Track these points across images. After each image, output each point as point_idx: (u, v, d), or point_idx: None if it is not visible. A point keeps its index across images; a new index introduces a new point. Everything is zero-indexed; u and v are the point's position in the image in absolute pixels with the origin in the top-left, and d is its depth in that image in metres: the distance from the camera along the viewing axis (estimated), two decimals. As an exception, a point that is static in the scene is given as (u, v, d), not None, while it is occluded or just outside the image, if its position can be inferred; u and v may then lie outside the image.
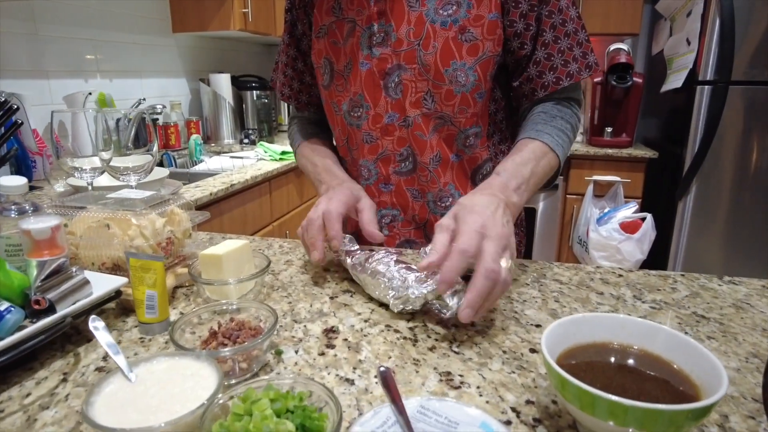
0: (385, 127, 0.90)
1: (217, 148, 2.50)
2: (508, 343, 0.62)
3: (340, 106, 0.94)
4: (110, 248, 0.73)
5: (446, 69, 0.83)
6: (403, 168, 0.92)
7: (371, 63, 0.88)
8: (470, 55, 0.83)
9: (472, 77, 0.84)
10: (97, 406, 0.42)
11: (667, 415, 0.38)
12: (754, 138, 1.99)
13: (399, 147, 0.91)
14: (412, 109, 0.87)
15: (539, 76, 0.86)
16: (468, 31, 0.82)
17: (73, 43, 1.87)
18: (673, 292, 0.77)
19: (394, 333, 0.64)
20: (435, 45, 0.83)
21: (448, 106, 0.86)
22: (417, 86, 0.86)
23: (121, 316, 0.70)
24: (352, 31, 0.88)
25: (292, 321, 0.67)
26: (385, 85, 0.88)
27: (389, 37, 0.86)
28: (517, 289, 0.77)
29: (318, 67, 0.95)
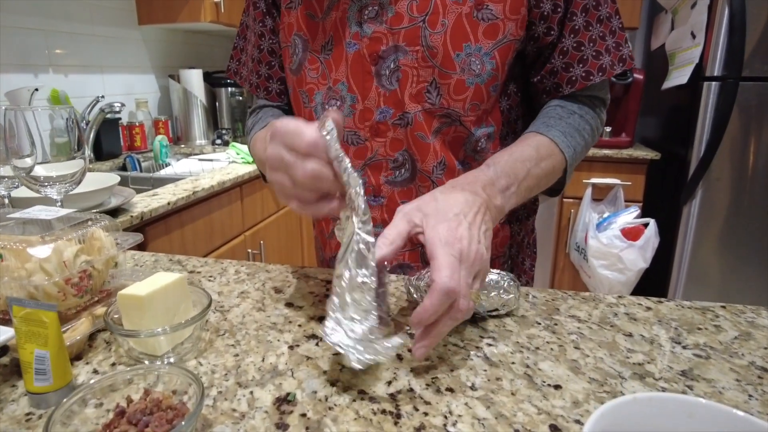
0: (375, 125, 0.73)
1: (188, 150, 2.32)
2: (521, 416, 0.46)
3: (312, 96, 0.76)
4: (1, 286, 0.56)
5: (458, 54, 0.67)
6: (397, 177, 0.75)
7: (361, 43, 0.71)
8: (488, 37, 0.67)
9: (489, 65, 0.68)
10: None
11: None
12: (765, 139, 1.86)
13: (393, 151, 0.74)
14: (412, 103, 0.71)
15: (566, 69, 0.71)
16: (486, 7, 0.66)
17: (19, 32, 1.68)
18: (718, 332, 0.62)
19: (369, 403, 0.48)
20: (444, 22, 0.67)
21: (457, 101, 0.69)
22: (419, 74, 0.69)
23: (13, 378, 0.53)
24: (336, 5, 0.71)
25: (236, 384, 0.51)
26: (377, 72, 0.71)
27: (385, 10, 0.69)
28: (526, 330, 0.62)
29: (286, 46, 0.78)
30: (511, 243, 0.84)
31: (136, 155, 2.02)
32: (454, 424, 0.45)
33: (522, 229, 0.86)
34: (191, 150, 2.30)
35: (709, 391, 0.51)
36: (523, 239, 0.87)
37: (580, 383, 0.51)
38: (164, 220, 1.34)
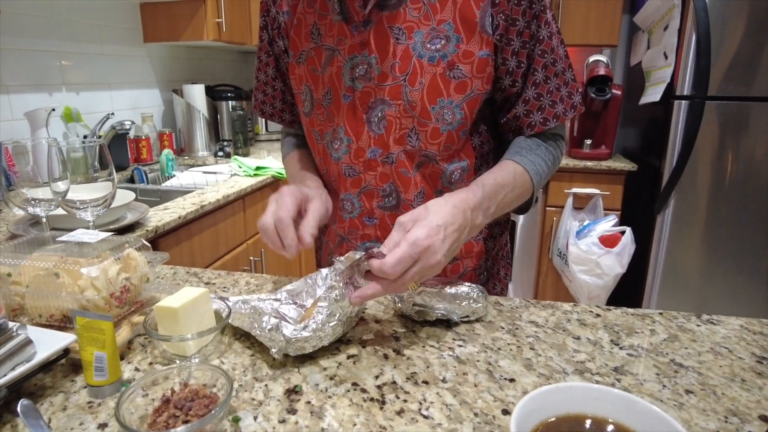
0: (368, 161, 0.86)
1: (191, 161, 2.43)
2: (481, 403, 0.59)
3: (322, 135, 0.90)
4: (59, 300, 0.68)
5: (433, 107, 0.80)
6: (386, 203, 0.89)
7: (353, 95, 0.84)
8: (458, 92, 0.79)
9: (459, 115, 0.81)
10: None
11: None
12: (730, 153, 2.01)
13: (382, 183, 0.87)
14: (396, 145, 0.84)
15: (527, 115, 0.84)
16: (457, 68, 0.78)
17: (35, 55, 1.80)
18: (651, 335, 0.75)
19: (361, 393, 0.60)
20: (422, 81, 0.79)
21: (433, 144, 0.83)
22: (401, 123, 0.82)
23: (71, 375, 0.65)
24: (331, 60, 0.84)
25: (253, 379, 0.63)
26: (368, 119, 0.84)
27: (372, 69, 0.81)
28: (491, 333, 0.74)
29: (298, 93, 0.91)
30: (487, 257, 0.96)
31: (143, 167, 2.14)
32: (427, 409, 0.57)
33: (496, 245, 0.99)
34: (194, 161, 2.42)
35: (633, 383, 0.63)
36: (498, 252, 1.00)
37: (530, 377, 0.64)
38: (175, 232, 1.46)
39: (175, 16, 2.27)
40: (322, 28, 0.84)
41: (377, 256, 0.63)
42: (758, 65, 1.91)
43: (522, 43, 0.79)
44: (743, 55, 1.90)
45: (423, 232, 0.63)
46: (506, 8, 0.76)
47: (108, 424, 0.55)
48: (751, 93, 1.94)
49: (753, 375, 0.65)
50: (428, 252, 0.64)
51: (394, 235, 0.66)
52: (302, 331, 0.64)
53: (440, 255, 0.65)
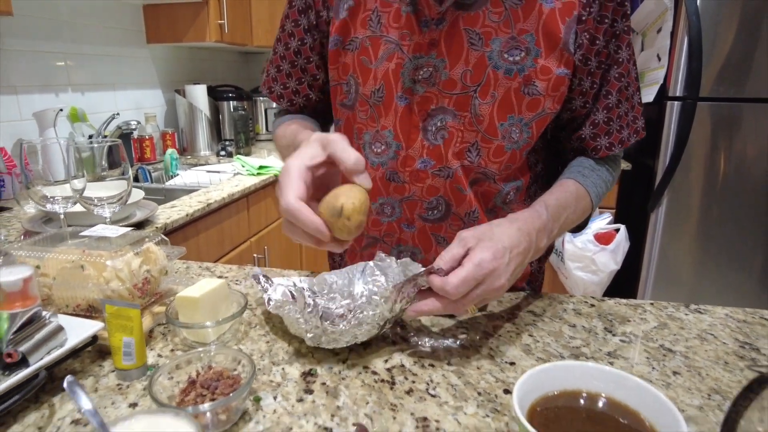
0: (416, 172, 0.80)
1: (194, 161, 2.47)
2: (483, 383, 0.63)
3: (361, 135, 0.83)
4: (85, 290, 0.73)
5: (501, 123, 0.74)
6: (430, 215, 0.83)
7: (411, 99, 0.76)
8: (529, 110, 0.74)
9: (526, 134, 0.76)
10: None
11: (632, 475, 0.40)
12: (721, 152, 2.06)
13: (429, 196, 0.81)
14: (454, 159, 0.78)
15: (593, 138, 0.81)
16: (533, 84, 0.72)
17: (42, 56, 1.83)
18: (642, 323, 0.80)
19: (372, 375, 0.65)
20: (494, 95, 0.73)
21: (494, 163, 0.78)
22: (463, 136, 0.76)
23: (98, 360, 0.69)
24: (390, 55, 0.76)
25: (270, 363, 0.67)
26: (424, 127, 0.77)
27: (439, 73, 0.74)
28: (492, 322, 0.79)
29: (340, 83, 0.83)
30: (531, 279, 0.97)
31: (147, 166, 2.18)
32: (434, 389, 0.62)
33: (541, 267, 1.00)
34: (197, 161, 2.46)
35: (625, 365, 0.68)
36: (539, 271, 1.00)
37: (529, 361, 0.68)
38: (182, 229, 1.50)
39: (177, 18, 2.31)
40: (384, 16, 0.75)
41: (438, 273, 0.61)
42: (749, 67, 1.96)
43: (598, 63, 0.74)
44: (734, 57, 1.96)
45: (488, 255, 0.60)
46: (591, 27, 0.71)
47: (138, 404, 0.60)
48: (741, 94, 1.99)
49: (735, 358, 0.70)
50: (493, 275, 0.60)
51: (454, 249, 0.62)
52: (340, 325, 0.65)
53: (504, 279, 0.62)
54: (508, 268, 0.62)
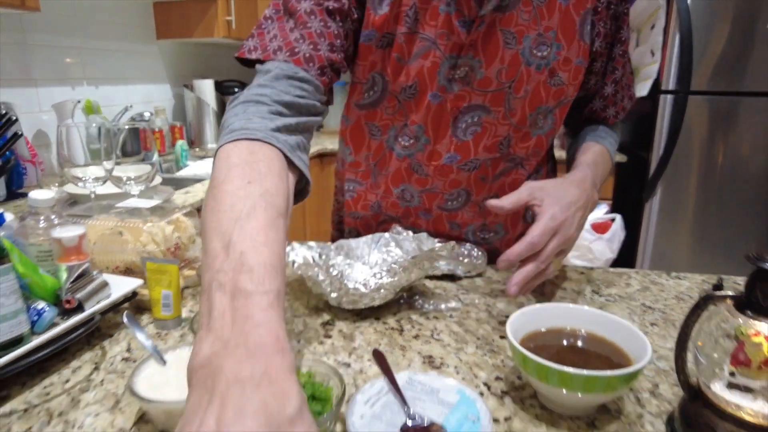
0: (441, 167, 0.85)
1: (202, 153, 2.55)
2: (482, 331, 0.71)
3: (385, 131, 0.86)
4: (124, 254, 0.81)
5: (531, 114, 0.80)
6: (448, 206, 0.90)
7: (445, 96, 0.80)
8: (554, 99, 0.80)
9: (551, 120, 0.83)
10: (140, 386, 0.50)
11: (604, 379, 0.48)
12: (712, 144, 2.15)
13: (451, 188, 0.87)
14: (485, 152, 0.84)
15: (603, 110, 0.90)
16: (557, 75, 0.78)
17: (60, 51, 1.92)
18: (627, 287, 0.88)
19: (383, 324, 0.73)
20: (527, 89, 0.78)
21: (522, 148, 0.84)
22: (497, 130, 0.81)
23: (136, 315, 0.77)
24: (426, 53, 0.77)
25: (293, 316, 0.76)
26: (454, 123, 0.82)
27: (475, 73, 0.78)
28: (490, 286, 0.87)
29: (361, 82, 0.82)
30: None
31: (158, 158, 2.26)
32: (438, 335, 0.70)
33: None
34: (205, 153, 2.54)
35: (608, 318, 0.76)
36: None
37: (523, 315, 0.77)
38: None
39: (187, 14, 2.39)
40: (422, 13, 0.75)
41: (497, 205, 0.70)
42: (737, 62, 2.04)
43: (605, 44, 0.81)
44: (723, 52, 2.04)
45: (558, 209, 0.67)
46: (604, 15, 0.77)
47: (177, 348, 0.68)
48: (731, 88, 2.07)
49: (707, 312, 0.78)
50: (564, 225, 0.67)
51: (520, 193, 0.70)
52: (361, 288, 0.72)
53: (573, 228, 0.69)
54: (575, 219, 0.69)
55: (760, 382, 0.46)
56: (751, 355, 0.45)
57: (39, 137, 1.83)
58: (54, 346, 0.61)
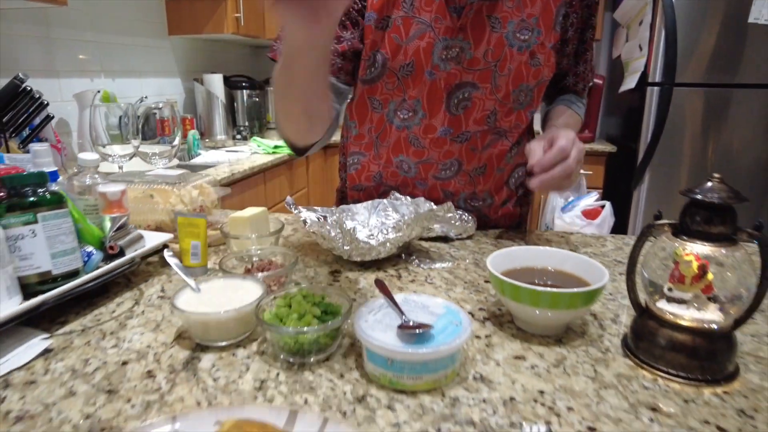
0: (436, 139, 0.96)
1: (211, 144, 2.66)
2: (469, 277, 0.82)
3: (386, 104, 0.96)
4: (155, 214, 0.91)
5: (514, 90, 0.92)
6: (442, 174, 1.00)
7: (439, 74, 0.90)
8: (533, 78, 0.91)
9: (530, 97, 0.94)
10: (180, 305, 0.61)
11: (567, 296, 0.58)
12: (698, 133, 2.25)
13: (444, 158, 0.98)
14: (475, 125, 0.95)
15: (575, 84, 1.04)
16: (536, 57, 0.90)
17: (80, 45, 2.03)
18: (602, 247, 0.98)
19: (384, 273, 0.83)
20: (510, 68, 0.89)
21: (506, 122, 0.96)
22: (485, 104, 0.92)
23: (166, 266, 0.88)
24: (422, 34, 0.88)
25: (305, 266, 0.86)
26: (447, 99, 0.92)
27: (464, 54, 0.89)
28: (479, 246, 0.97)
29: (363, 59, 0.92)
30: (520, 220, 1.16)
31: (170, 147, 2.36)
32: (431, 280, 0.80)
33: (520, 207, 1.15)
34: (214, 144, 2.65)
35: (581, 269, 0.86)
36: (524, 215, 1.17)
37: (507, 267, 0.87)
38: (210, 195, 1.69)
39: (197, 12, 2.50)
40: (418, 0, 0.87)
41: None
42: (721, 56, 2.15)
43: (576, 30, 0.93)
44: (707, 46, 2.15)
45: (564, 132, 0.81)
46: (577, 7, 0.90)
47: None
48: (715, 80, 2.18)
49: (669, 264, 0.88)
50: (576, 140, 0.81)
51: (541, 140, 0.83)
52: (370, 241, 0.82)
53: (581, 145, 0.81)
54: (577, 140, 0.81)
55: (691, 294, 0.56)
56: (684, 272, 0.56)
57: (60, 125, 1.94)
58: (101, 279, 0.71)
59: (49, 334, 0.64)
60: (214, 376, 0.56)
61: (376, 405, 0.51)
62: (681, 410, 0.51)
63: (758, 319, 0.70)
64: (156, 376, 0.56)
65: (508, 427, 0.48)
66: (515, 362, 0.59)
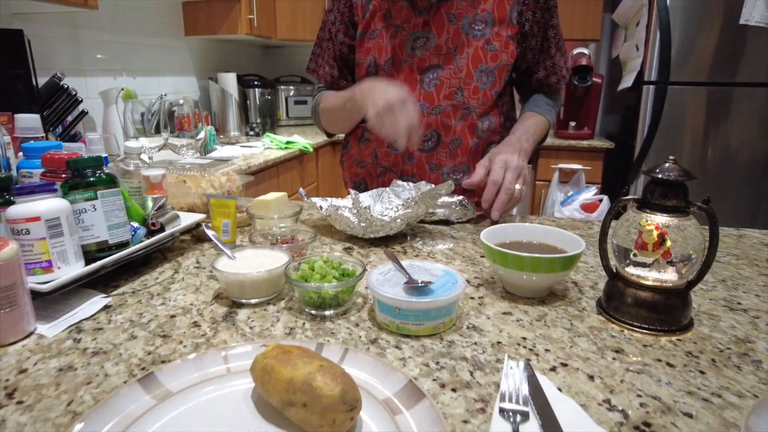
0: None
1: (225, 140, 2.78)
2: (467, 253, 0.93)
3: None
4: (187, 197, 1.03)
5: (475, 70, 1.11)
6: (425, 147, 1.18)
7: (412, 61, 1.13)
8: (492, 61, 1.11)
9: (491, 77, 1.12)
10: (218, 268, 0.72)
11: (547, 260, 0.69)
12: (690, 130, 2.34)
13: (425, 130, 1.16)
14: (445, 100, 1.13)
15: (545, 78, 1.21)
16: (491, 44, 1.10)
17: (104, 45, 2.15)
18: (589, 230, 1.08)
19: (391, 248, 0.94)
20: (468, 52, 1.10)
21: (473, 99, 1.13)
22: (451, 82, 1.12)
23: (198, 243, 0.99)
24: (395, 34, 1.13)
25: (321, 244, 0.97)
26: (421, 79, 1.13)
27: (430, 42, 1.11)
28: (477, 227, 1.08)
29: (362, 63, 1.17)
30: None
31: (187, 143, 2.48)
32: (433, 255, 0.91)
33: None
34: (228, 140, 2.77)
35: (568, 247, 0.96)
36: None
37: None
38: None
39: (213, 13, 2.62)
40: (394, 11, 1.12)
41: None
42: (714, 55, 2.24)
43: (539, 29, 1.13)
44: (701, 46, 2.24)
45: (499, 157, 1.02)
46: (531, 5, 1.10)
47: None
48: (707, 79, 2.27)
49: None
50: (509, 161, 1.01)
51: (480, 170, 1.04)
52: (384, 217, 0.92)
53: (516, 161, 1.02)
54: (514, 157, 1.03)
55: (652, 259, 0.66)
56: (647, 240, 0.66)
57: (86, 121, 2.06)
58: (147, 250, 0.82)
59: (106, 294, 0.76)
60: (250, 325, 0.67)
61: (386, 345, 0.62)
62: (639, 352, 0.61)
63: (719, 287, 0.80)
64: (201, 325, 0.67)
65: (494, 362, 0.58)
66: (503, 317, 0.69)
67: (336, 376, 0.45)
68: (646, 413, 0.50)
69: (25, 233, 0.67)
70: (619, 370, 0.57)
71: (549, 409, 0.49)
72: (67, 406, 0.51)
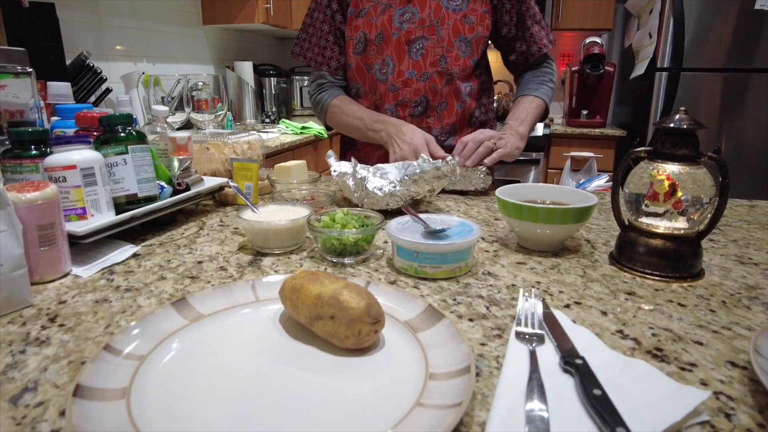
0: (405, 80, 1.24)
1: (241, 127, 2.82)
2: (481, 216, 0.95)
3: (372, 66, 1.26)
4: (211, 163, 1.06)
5: (455, 40, 1.22)
6: (415, 112, 1.27)
7: (400, 34, 1.22)
8: (469, 32, 1.22)
9: (470, 47, 1.23)
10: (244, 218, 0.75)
11: (560, 211, 0.71)
12: (701, 114, 2.34)
13: (415, 96, 1.25)
14: (431, 67, 1.23)
15: (528, 48, 1.29)
16: (468, 17, 1.21)
17: (126, 32, 2.20)
18: (603, 199, 1.10)
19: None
20: (448, 24, 1.21)
21: (455, 65, 1.23)
22: (435, 51, 1.22)
23: (221, 207, 1.02)
24: (384, 11, 1.23)
25: (334, 202, 1.00)
26: (408, 50, 1.23)
27: (415, 16, 1.22)
28: (492, 197, 1.10)
29: (351, 39, 1.27)
30: None
31: (204, 129, 2.53)
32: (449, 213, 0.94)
33: None
34: (244, 127, 2.81)
35: (581, 213, 0.98)
36: None
37: (515, 211, 1.00)
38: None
39: (230, 2, 2.66)
40: None
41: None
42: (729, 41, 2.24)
43: (511, 5, 1.24)
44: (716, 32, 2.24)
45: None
46: None
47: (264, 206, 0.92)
48: (721, 65, 2.27)
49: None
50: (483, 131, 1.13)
51: None
52: (378, 192, 0.94)
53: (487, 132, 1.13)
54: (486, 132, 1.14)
55: (663, 208, 0.68)
56: (658, 190, 0.68)
57: (108, 104, 2.11)
58: (174, 207, 0.86)
59: (135, 245, 0.79)
60: (275, 269, 0.70)
61: (405, 285, 0.64)
62: (651, 295, 0.63)
63: (730, 246, 0.82)
64: (227, 269, 0.70)
65: (510, 300, 0.61)
66: (517, 265, 0.72)
67: (361, 292, 0.48)
68: (657, 341, 0.52)
69: (62, 180, 0.71)
70: (632, 308, 0.59)
71: (563, 333, 0.52)
72: (105, 329, 0.54)
